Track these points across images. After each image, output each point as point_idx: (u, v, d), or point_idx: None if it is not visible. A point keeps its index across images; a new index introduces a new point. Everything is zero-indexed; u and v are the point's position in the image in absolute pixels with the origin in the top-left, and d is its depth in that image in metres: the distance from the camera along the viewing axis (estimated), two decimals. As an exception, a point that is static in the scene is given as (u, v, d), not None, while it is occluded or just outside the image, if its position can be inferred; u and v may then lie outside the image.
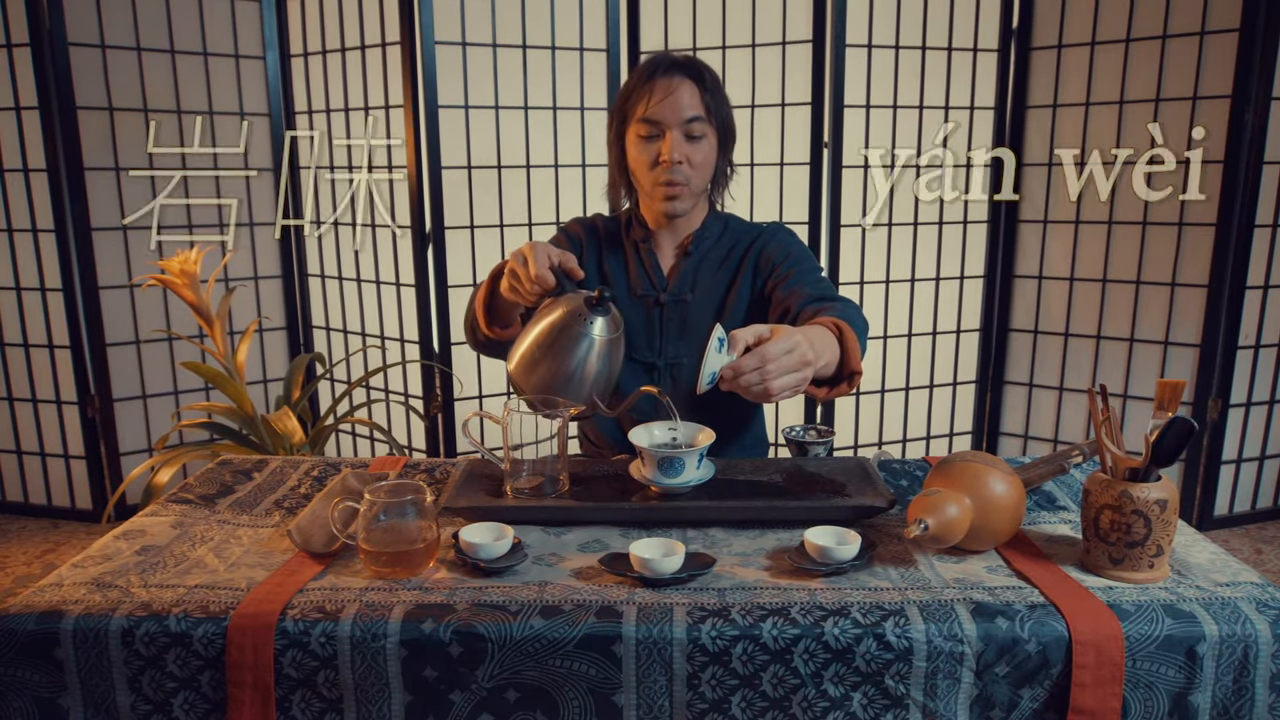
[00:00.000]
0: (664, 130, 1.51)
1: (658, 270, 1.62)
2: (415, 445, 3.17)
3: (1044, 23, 2.97)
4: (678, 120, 1.50)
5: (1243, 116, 2.71)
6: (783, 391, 1.14)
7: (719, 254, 1.61)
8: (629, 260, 1.65)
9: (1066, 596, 1.00)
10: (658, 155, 1.52)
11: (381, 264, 3.07)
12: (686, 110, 1.50)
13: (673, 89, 1.50)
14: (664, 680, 0.95)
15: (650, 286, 1.61)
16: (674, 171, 1.51)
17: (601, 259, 1.66)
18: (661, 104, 1.49)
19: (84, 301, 2.95)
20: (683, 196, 1.54)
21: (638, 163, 1.55)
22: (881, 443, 3.20)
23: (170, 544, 1.18)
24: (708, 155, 1.55)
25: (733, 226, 1.65)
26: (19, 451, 3.15)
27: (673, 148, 1.50)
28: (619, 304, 1.62)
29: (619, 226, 1.68)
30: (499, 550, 1.10)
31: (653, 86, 1.50)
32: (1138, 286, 2.95)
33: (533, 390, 1.31)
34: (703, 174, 1.55)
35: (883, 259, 3.04)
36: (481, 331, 1.51)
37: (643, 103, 1.51)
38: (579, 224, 1.70)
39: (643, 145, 1.53)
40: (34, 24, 2.80)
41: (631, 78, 1.56)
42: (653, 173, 1.53)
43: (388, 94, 2.90)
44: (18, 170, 2.92)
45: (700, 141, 1.52)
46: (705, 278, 1.60)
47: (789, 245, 1.59)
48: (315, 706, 0.98)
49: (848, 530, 1.11)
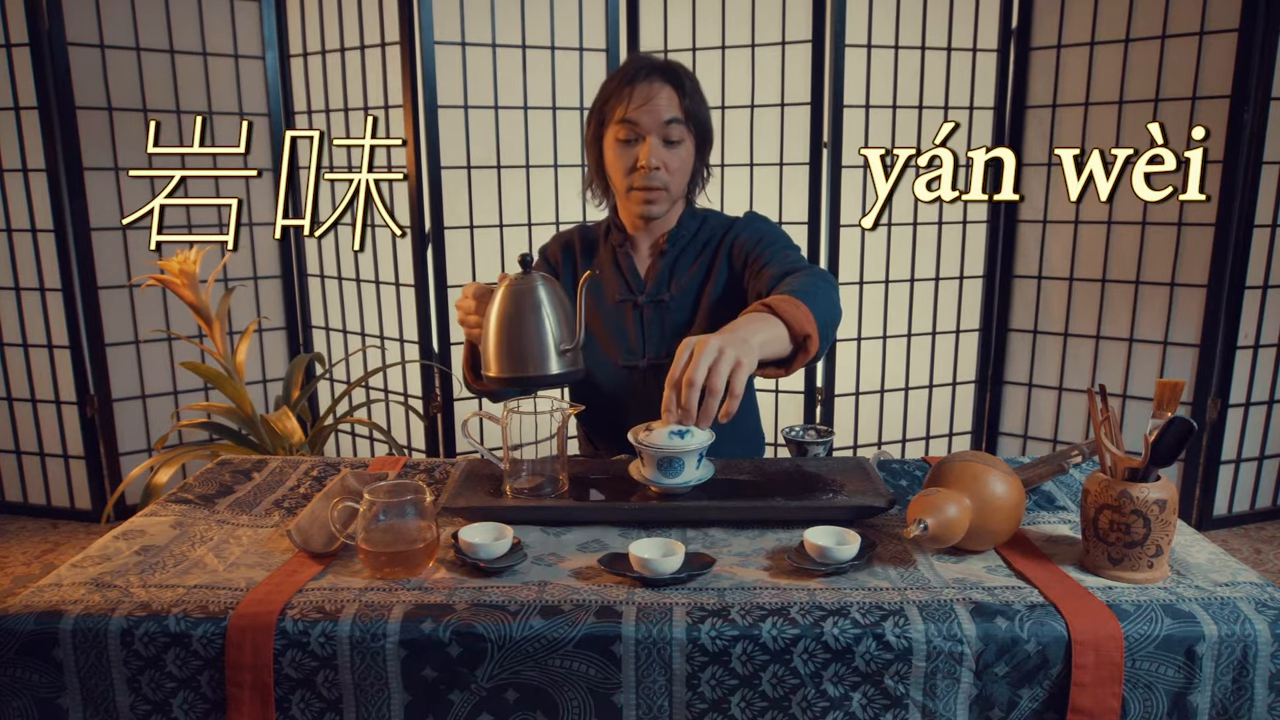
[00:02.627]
0: (642, 135, 1.51)
1: (634, 273, 1.62)
2: (415, 445, 3.17)
3: (1043, 23, 2.98)
4: (656, 125, 1.50)
5: (1242, 116, 2.71)
6: (737, 382, 1.10)
7: (694, 250, 1.61)
8: (606, 266, 1.65)
9: (1066, 596, 1.00)
10: (635, 160, 1.52)
11: (381, 264, 3.07)
12: (665, 115, 1.50)
13: (652, 94, 1.49)
14: (663, 680, 0.95)
15: (628, 290, 1.62)
16: (651, 177, 1.51)
17: (578, 271, 1.66)
18: (640, 109, 1.49)
19: (83, 301, 2.95)
20: (660, 201, 1.55)
21: (615, 166, 1.55)
22: (881, 443, 3.20)
23: (170, 544, 1.18)
24: (685, 159, 1.55)
25: (710, 222, 1.64)
26: (18, 451, 3.15)
27: (651, 153, 1.50)
28: (601, 309, 1.63)
29: (597, 235, 1.69)
30: (499, 550, 1.09)
31: (632, 91, 1.50)
32: (1137, 286, 2.95)
33: (513, 367, 1.28)
34: (680, 178, 1.56)
35: (883, 259, 3.04)
36: (471, 385, 1.56)
37: (621, 106, 1.51)
38: (556, 243, 1.72)
39: (621, 149, 1.53)
40: (33, 24, 2.80)
41: (610, 80, 1.55)
42: (630, 177, 1.53)
43: (387, 94, 2.90)
44: (17, 170, 2.92)
45: (678, 146, 1.53)
46: (681, 275, 1.60)
47: (761, 231, 1.58)
48: (315, 706, 0.98)
49: (847, 530, 1.11)
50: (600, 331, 1.65)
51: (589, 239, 1.69)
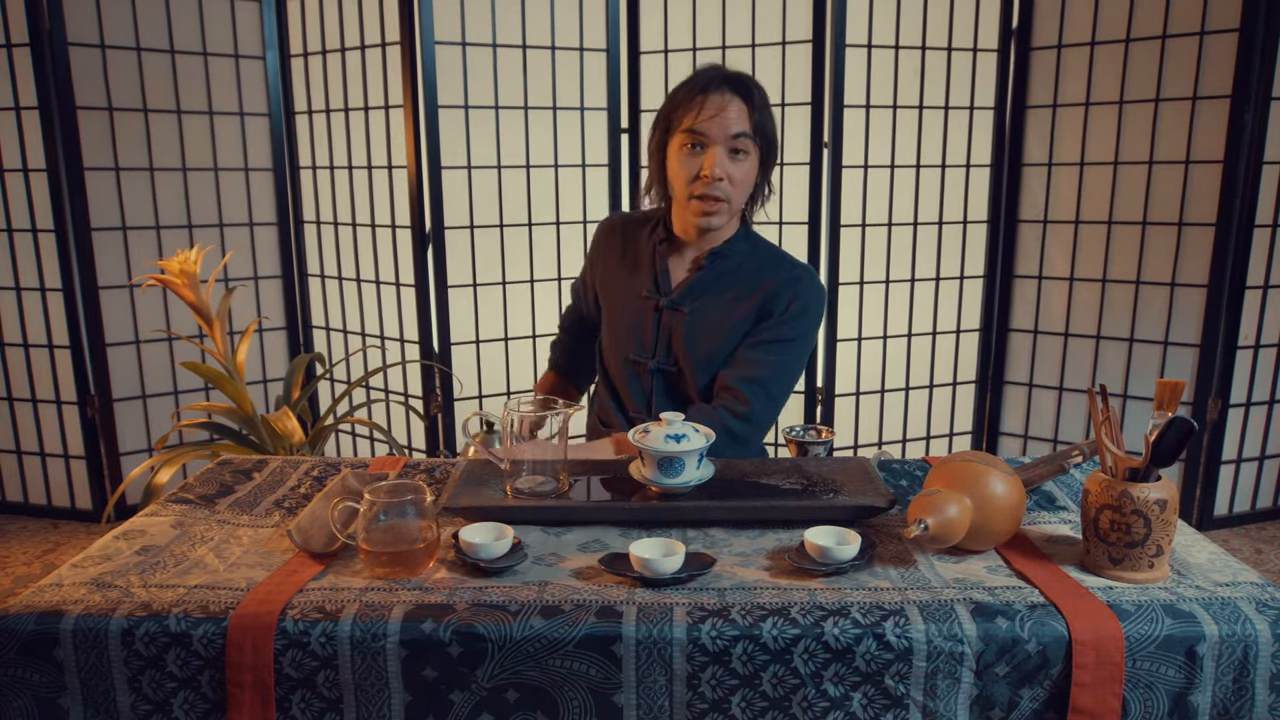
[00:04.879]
0: (708, 144, 1.50)
1: (666, 276, 1.62)
2: (415, 445, 3.17)
3: (1044, 23, 2.98)
4: (724, 136, 1.49)
5: (1242, 117, 2.71)
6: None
7: (736, 279, 1.59)
8: (642, 258, 1.65)
9: (1066, 596, 1.00)
10: (699, 169, 1.51)
11: (381, 264, 3.07)
12: (733, 127, 1.49)
13: (723, 105, 1.49)
14: (664, 680, 0.95)
15: (655, 290, 1.62)
16: (714, 187, 1.51)
17: (615, 255, 1.66)
18: (710, 120, 1.49)
19: (84, 301, 2.95)
20: (720, 212, 1.54)
21: (677, 175, 1.54)
22: (881, 443, 3.20)
23: (170, 544, 1.18)
24: (749, 173, 1.54)
25: (761, 253, 1.62)
26: (19, 451, 3.15)
27: (715, 163, 1.49)
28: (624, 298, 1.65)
29: (642, 225, 1.69)
30: (499, 550, 1.10)
31: (704, 101, 1.50)
32: (1137, 286, 2.95)
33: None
34: (742, 191, 1.55)
35: (883, 259, 3.04)
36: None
37: (690, 115, 1.50)
38: (599, 232, 1.75)
39: (685, 157, 1.52)
40: (34, 24, 2.80)
41: (680, 88, 1.54)
42: (692, 186, 1.52)
43: (388, 94, 2.90)
44: (18, 170, 2.92)
45: (743, 159, 1.52)
46: (712, 296, 1.59)
47: (790, 305, 1.56)
48: (315, 706, 0.98)
49: (848, 530, 1.11)
50: (619, 320, 1.65)
51: (629, 230, 1.70)
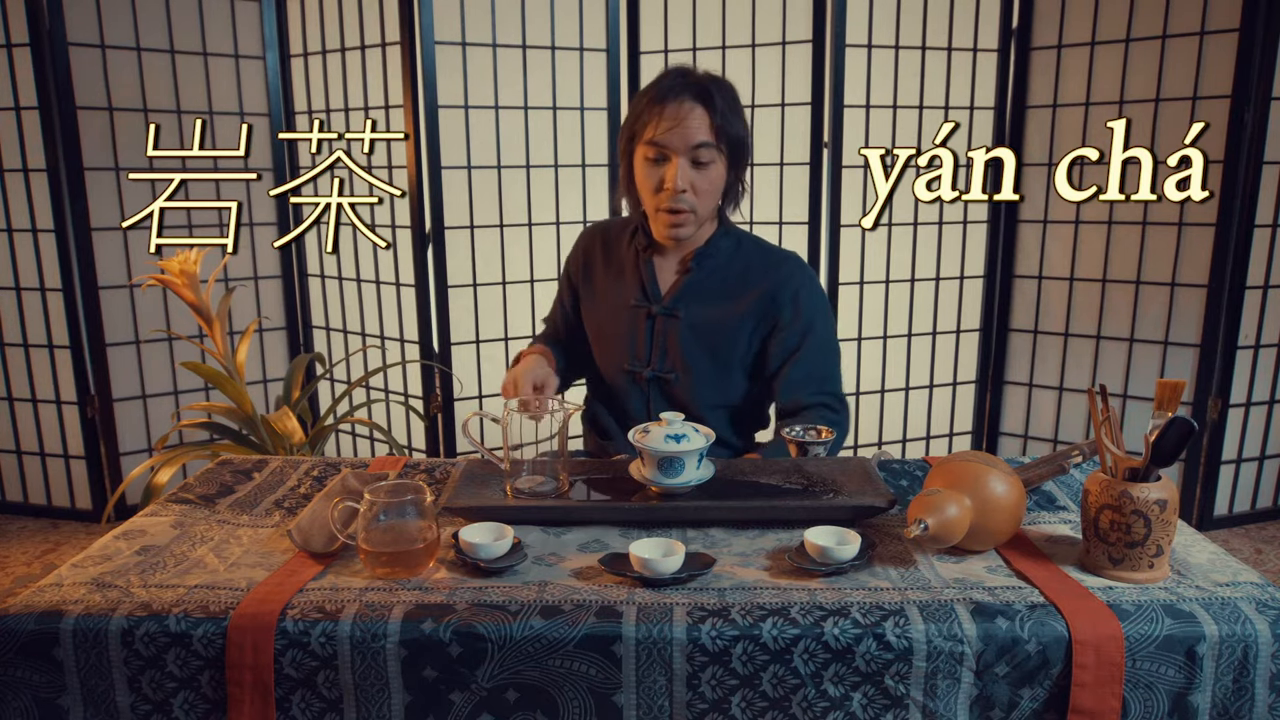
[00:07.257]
0: (670, 155, 1.48)
1: (654, 282, 1.61)
2: (415, 445, 3.17)
3: (1044, 23, 2.97)
4: (685, 147, 1.47)
5: (1242, 116, 2.71)
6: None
7: (724, 277, 1.58)
8: (625, 266, 1.64)
9: (1066, 596, 1.00)
10: (662, 180, 1.49)
11: (381, 264, 3.07)
12: (694, 137, 1.46)
13: (682, 116, 1.46)
14: (664, 680, 0.95)
15: (644, 298, 1.61)
16: (678, 200, 1.49)
17: (599, 268, 1.65)
18: (669, 131, 1.46)
19: (84, 301, 2.95)
20: (687, 224, 1.52)
21: (643, 185, 1.53)
22: (881, 443, 3.19)
23: (170, 544, 1.18)
24: (715, 180, 1.51)
25: (745, 248, 1.61)
26: (19, 451, 3.15)
27: (678, 176, 1.47)
28: (613, 309, 1.63)
29: (620, 234, 1.68)
30: (499, 550, 1.10)
31: (662, 110, 1.47)
32: (1138, 286, 2.95)
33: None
34: (709, 199, 1.53)
35: (883, 259, 3.04)
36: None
37: (651, 126, 1.48)
38: (578, 244, 1.72)
39: (649, 168, 1.50)
40: (34, 24, 2.80)
41: (641, 97, 1.52)
42: (657, 197, 1.51)
43: (388, 94, 2.90)
44: (18, 170, 2.91)
45: (708, 168, 1.49)
46: (703, 297, 1.58)
47: (802, 308, 1.55)
48: (315, 706, 0.98)
49: (848, 530, 1.11)
50: (610, 331, 1.64)
51: (609, 239, 1.68)
